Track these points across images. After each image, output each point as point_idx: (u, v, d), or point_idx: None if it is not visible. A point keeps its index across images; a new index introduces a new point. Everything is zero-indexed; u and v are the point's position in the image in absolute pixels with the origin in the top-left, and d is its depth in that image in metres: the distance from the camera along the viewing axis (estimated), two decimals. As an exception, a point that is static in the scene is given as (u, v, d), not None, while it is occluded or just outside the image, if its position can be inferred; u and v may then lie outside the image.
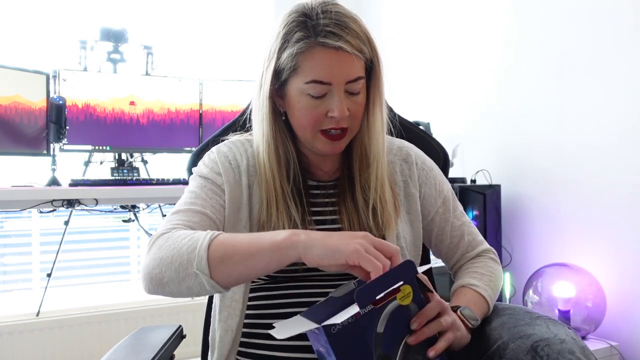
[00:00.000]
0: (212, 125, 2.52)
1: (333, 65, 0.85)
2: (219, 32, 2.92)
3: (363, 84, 0.90)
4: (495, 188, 2.24)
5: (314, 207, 0.97)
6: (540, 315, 0.88)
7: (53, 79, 2.25)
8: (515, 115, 2.32)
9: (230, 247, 0.76)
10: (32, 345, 2.32)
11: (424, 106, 2.80)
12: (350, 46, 0.85)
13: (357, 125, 0.93)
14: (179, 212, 0.88)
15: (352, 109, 0.89)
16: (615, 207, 1.94)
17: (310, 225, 0.94)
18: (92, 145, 2.35)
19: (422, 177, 1.02)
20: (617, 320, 1.93)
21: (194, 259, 0.75)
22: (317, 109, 0.88)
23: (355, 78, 0.87)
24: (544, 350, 0.77)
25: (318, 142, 0.91)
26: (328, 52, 0.85)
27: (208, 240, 0.76)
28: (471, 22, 2.55)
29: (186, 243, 0.77)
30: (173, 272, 0.77)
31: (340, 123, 0.89)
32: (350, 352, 0.70)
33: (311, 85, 0.86)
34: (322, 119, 0.89)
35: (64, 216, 2.36)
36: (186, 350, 1.51)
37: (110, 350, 0.91)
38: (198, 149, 1.15)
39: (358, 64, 0.87)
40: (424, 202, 1.02)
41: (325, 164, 1.00)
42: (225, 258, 0.75)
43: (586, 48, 2.03)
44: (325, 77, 0.86)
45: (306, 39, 0.85)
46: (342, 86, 0.87)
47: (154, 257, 0.79)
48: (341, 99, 0.87)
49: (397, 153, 1.04)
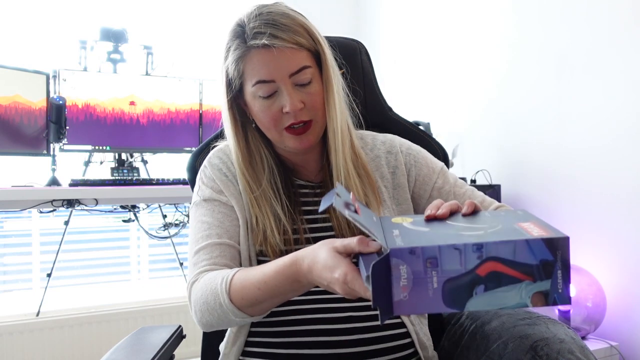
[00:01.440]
0: (212, 125, 2.52)
1: (269, 62, 0.87)
2: (219, 32, 2.92)
3: (314, 73, 0.90)
4: (495, 188, 2.24)
5: (305, 207, 0.98)
6: (539, 315, 0.88)
7: (53, 79, 2.25)
8: (515, 115, 2.32)
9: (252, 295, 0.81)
10: (32, 345, 2.31)
11: (424, 106, 2.80)
12: (281, 40, 0.86)
13: (321, 115, 0.92)
14: (199, 252, 0.92)
15: (307, 100, 0.90)
16: (615, 207, 1.94)
17: (302, 224, 0.95)
18: (92, 145, 2.35)
19: (410, 161, 1.02)
20: (617, 320, 1.93)
21: (228, 311, 0.83)
22: (271, 108, 0.89)
23: (297, 69, 0.88)
24: (544, 350, 0.77)
25: (286, 140, 0.92)
26: (261, 52, 0.87)
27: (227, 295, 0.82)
28: (471, 22, 2.55)
29: (212, 299, 0.84)
30: (218, 320, 0.85)
31: (299, 117, 0.89)
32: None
33: (257, 87, 0.89)
34: (280, 117, 0.90)
35: (64, 216, 2.36)
36: (186, 350, 1.51)
37: (110, 350, 0.91)
38: (198, 149, 1.15)
39: (298, 56, 0.88)
40: (417, 183, 1.01)
41: (308, 164, 1.01)
42: (252, 304, 0.82)
43: (586, 48, 2.03)
44: (266, 75, 0.87)
45: (241, 45, 0.89)
46: (287, 80, 0.88)
47: (196, 309, 0.87)
48: (290, 92, 0.88)
49: (380, 147, 1.04)
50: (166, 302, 2.62)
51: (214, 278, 0.85)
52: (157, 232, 2.58)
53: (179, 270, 2.70)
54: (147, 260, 2.80)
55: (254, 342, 0.94)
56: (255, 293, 0.80)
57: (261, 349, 0.93)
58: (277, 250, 0.91)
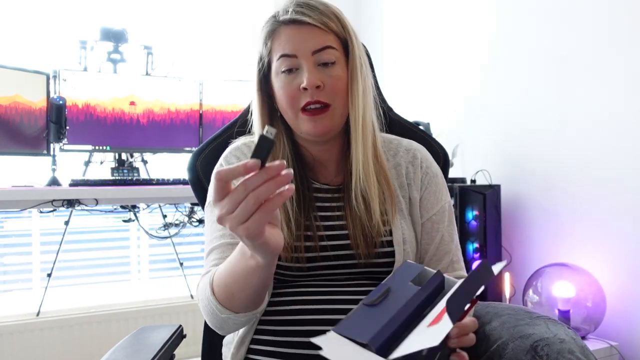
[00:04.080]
0: (212, 125, 2.52)
1: (294, 37, 0.90)
2: (219, 32, 2.92)
3: (338, 57, 0.91)
4: (495, 188, 2.24)
5: (321, 212, 0.97)
6: (540, 315, 0.88)
7: (53, 79, 2.25)
8: (515, 115, 2.32)
9: (224, 287, 0.81)
10: (32, 345, 2.31)
11: (424, 106, 2.80)
12: (309, 18, 0.89)
13: (341, 103, 0.92)
14: (212, 251, 0.93)
15: (327, 82, 0.90)
16: (615, 207, 1.94)
17: (320, 230, 0.94)
18: (92, 145, 2.35)
19: (425, 181, 1.01)
20: (617, 320, 1.93)
21: (214, 307, 0.83)
22: (291, 85, 0.90)
23: (321, 47, 0.89)
24: (544, 350, 0.77)
25: (302, 123, 0.92)
26: (289, 27, 0.91)
27: (210, 291, 0.83)
28: (471, 22, 2.55)
29: (204, 297, 0.85)
30: (214, 319, 0.85)
31: (316, 95, 0.89)
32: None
33: (280, 61, 0.91)
34: (298, 95, 0.90)
35: (64, 216, 2.36)
36: (186, 350, 1.51)
37: (110, 350, 0.91)
38: (198, 149, 1.15)
39: (324, 36, 0.90)
40: (422, 204, 1.01)
41: (328, 163, 1.00)
42: (230, 298, 0.81)
43: (586, 48, 2.03)
44: (289, 49, 0.90)
45: (271, 21, 0.93)
46: (310, 57, 0.89)
47: (202, 310, 0.88)
48: (310, 69, 0.89)
49: (404, 155, 1.03)
50: (166, 302, 2.62)
51: (208, 275, 0.86)
52: (157, 232, 2.58)
53: (179, 270, 2.70)
54: (147, 260, 2.80)
55: (260, 340, 0.94)
56: (227, 281, 0.80)
57: (268, 347, 0.93)
58: (286, 244, 0.91)
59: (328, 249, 0.93)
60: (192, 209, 2.54)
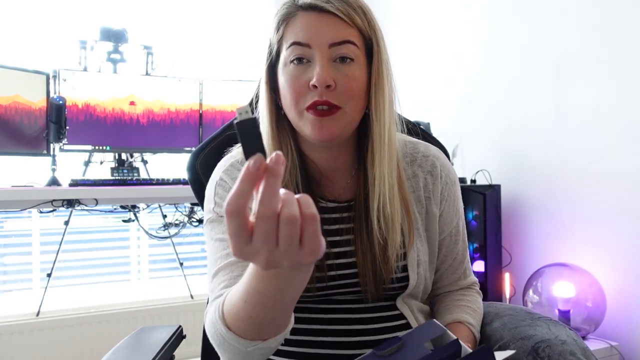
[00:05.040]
0: (212, 125, 2.52)
1: (312, 25, 0.78)
2: (219, 32, 2.92)
3: (358, 55, 0.80)
4: (495, 188, 2.24)
5: (329, 237, 0.88)
6: (541, 316, 0.88)
7: (53, 79, 2.25)
8: (515, 115, 2.32)
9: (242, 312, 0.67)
10: (32, 345, 2.31)
11: (424, 106, 2.80)
12: (333, 7, 0.78)
13: (353, 107, 0.80)
14: (218, 273, 0.82)
15: (340, 81, 0.78)
16: (615, 207, 1.93)
17: (329, 258, 0.86)
18: (92, 145, 2.35)
19: (445, 192, 0.93)
20: (617, 320, 1.93)
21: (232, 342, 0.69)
22: (299, 79, 0.79)
23: (340, 41, 0.78)
24: (545, 351, 0.77)
25: (305, 123, 0.80)
26: (307, 13, 0.79)
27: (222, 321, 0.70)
28: (471, 21, 2.55)
29: (213, 332, 0.72)
30: (234, 354, 0.71)
31: (325, 95, 0.77)
32: None
33: (291, 49, 0.79)
34: (306, 92, 0.78)
35: (64, 216, 2.36)
36: (186, 350, 1.51)
37: (110, 350, 0.91)
38: (198, 148, 1.15)
39: (346, 29, 0.79)
40: (440, 219, 0.94)
41: (336, 173, 0.89)
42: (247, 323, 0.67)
43: (586, 47, 2.03)
44: (304, 37, 0.78)
45: (288, 4, 0.82)
46: (325, 50, 0.78)
47: (211, 340, 0.74)
48: (323, 64, 0.77)
49: (421, 164, 0.93)
50: (166, 302, 2.62)
51: (215, 306, 0.73)
52: (157, 232, 2.58)
53: (179, 270, 2.70)
54: (147, 260, 2.80)
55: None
56: (244, 307, 0.65)
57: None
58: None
59: (336, 278, 0.87)
60: (192, 209, 2.54)
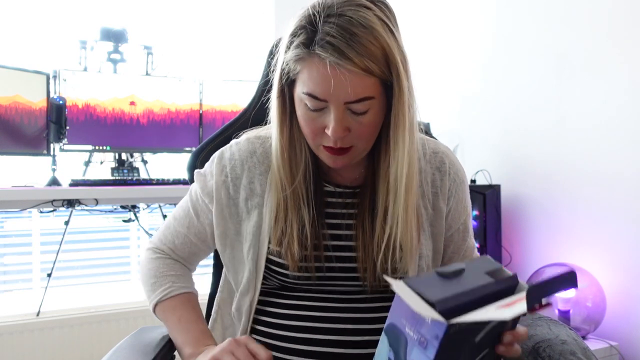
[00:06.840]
0: (212, 125, 2.52)
1: (327, 81, 0.74)
2: (219, 32, 2.91)
3: (374, 104, 0.79)
4: (495, 188, 2.24)
5: (330, 219, 0.90)
6: (541, 315, 0.88)
7: (53, 79, 2.25)
8: (515, 115, 2.32)
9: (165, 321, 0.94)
10: (32, 345, 2.31)
11: (424, 106, 2.78)
12: (350, 63, 0.73)
13: (365, 146, 0.83)
14: (169, 228, 0.99)
15: (354, 128, 0.79)
16: (615, 207, 1.94)
17: (325, 239, 0.88)
18: (92, 145, 2.35)
19: (453, 189, 0.94)
20: (617, 320, 1.93)
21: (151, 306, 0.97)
22: (315, 122, 0.80)
23: (356, 99, 0.76)
24: (546, 351, 0.77)
25: (321, 154, 0.84)
26: (324, 66, 0.74)
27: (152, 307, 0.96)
28: (470, 21, 2.55)
29: (146, 287, 0.97)
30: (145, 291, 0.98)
31: (339, 143, 0.80)
32: (446, 354, 0.60)
33: (307, 97, 0.78)
34: (321, 134, 0.81)
35: (64, 216, 2.36)
36: (186, 350, 1.50)
37: (110, 350, 0.90)
38: (198, 148, 1.15)
39: (364, 84, 0.76)
40: (448, 216, 0.94)
41: (345, 170, 0.91)
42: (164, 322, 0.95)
43: (586, 47, 2.03)
44: (320, 93, 0.77)
45: (304, 46, 0.76)
46: (341, 105, 0.77)
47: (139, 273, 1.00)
48: (338, 118, 0.77)
49: (430, 160, 0.94)
50: (166, 302, 2.61)
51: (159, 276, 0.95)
52: (157, 232, 2.57)
53: (179, 270, 2.69)
54: (147, 260, 2.79)
55: (258, 331, 0.92)
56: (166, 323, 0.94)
57: (266, 339, 0.91)
58: (296, 257, 0.85)
59: (335, 269, 0.88)
60: (192, 209, 2.54)
